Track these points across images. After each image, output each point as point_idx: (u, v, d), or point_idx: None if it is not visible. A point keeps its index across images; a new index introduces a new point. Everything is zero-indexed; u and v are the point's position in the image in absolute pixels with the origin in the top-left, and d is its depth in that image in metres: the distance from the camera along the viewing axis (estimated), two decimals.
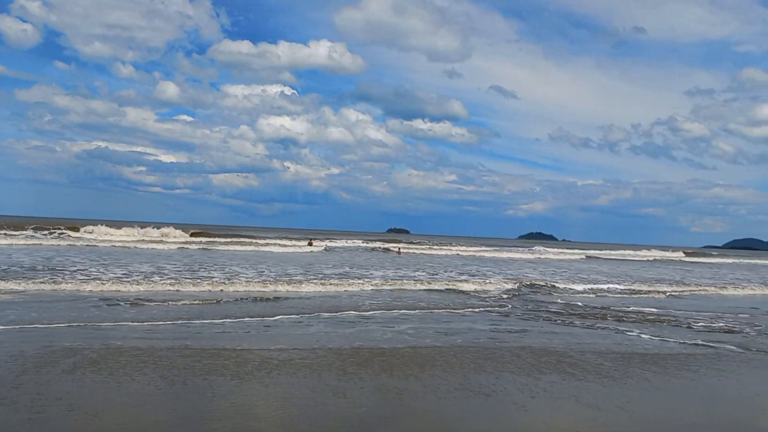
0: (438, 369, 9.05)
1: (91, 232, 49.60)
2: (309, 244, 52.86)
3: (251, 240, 54.01)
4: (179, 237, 52.54)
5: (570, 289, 22.68)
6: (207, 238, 53.19)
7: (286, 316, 13.31)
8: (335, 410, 6.97)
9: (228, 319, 12.59)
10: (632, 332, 13.20)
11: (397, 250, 53.67)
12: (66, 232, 48.22)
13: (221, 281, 19.36)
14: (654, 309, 17.69)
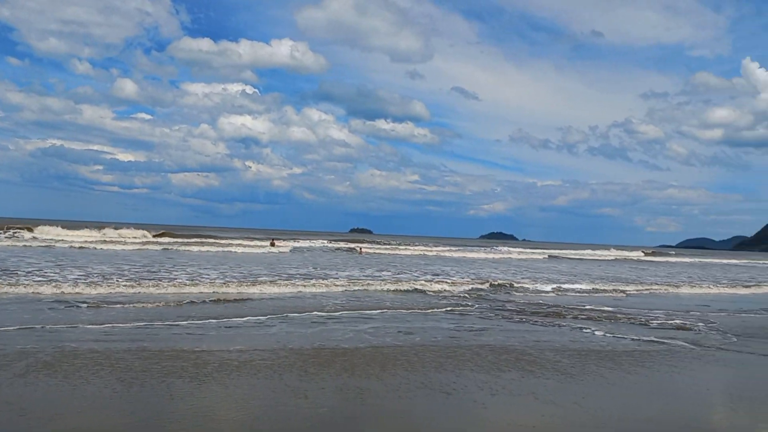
0: (399, 368, 9.11)
1: (47, 233, 48.28)
2: (271, 245, 52.40)
3: (213, 240, 53.35)
4: (139, 237, 51.54)
5: (531, 288, 23.04)
6: (168, 239, 52.31)
7: (248, 318, 13.20)
8: (296, 411, 6.96)
9: (189, 321, 12.43)
10: (589, 330, 13.50)
11: (359, 250, 53.69)
12: (20, 233, 46.88)
13: (183, 282, 19.08)
14: (611, 307, 18.11)
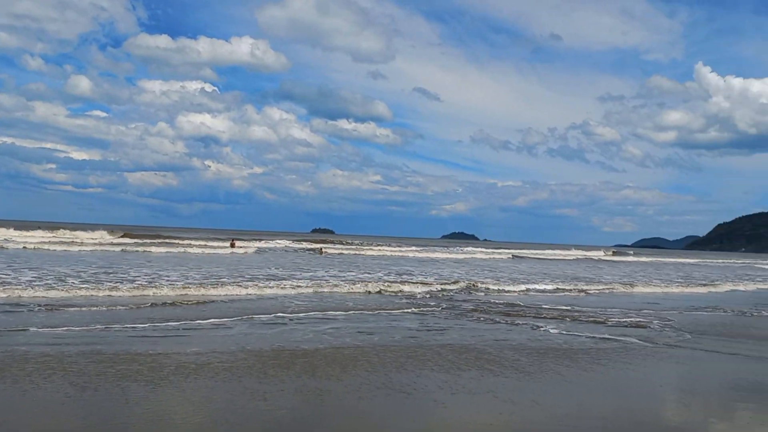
0: (360, 369, 9.10)
1: None
2: (231, 245, 51.62)
3: (172, 241, 52.45)
4: (96, 238, 50.34)
5: (494, 288, 23.27)
6: (126, 239, 51.24)
7: (208, 320, 13.00)
8: (254, 413, 6.88)
9: (146, 324, 12.18)
10: (548, 328, 13.71)
11: (319, 250, 53.51)
12: None
13: (142, 284, 18.68)
14: (570, 306, 18.44)
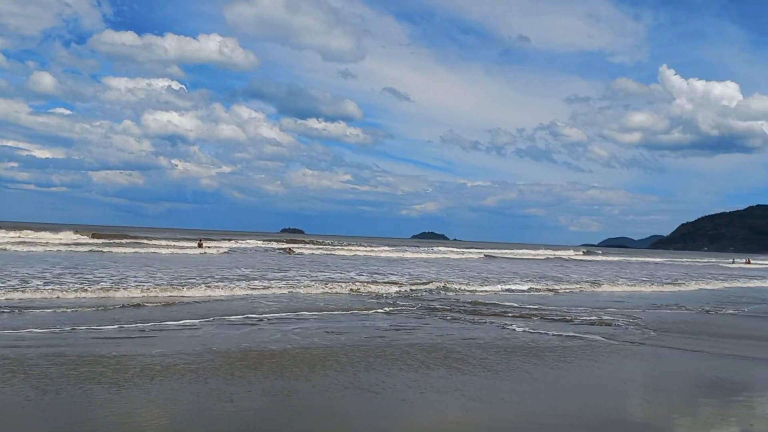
0: (329, 369, 9.07)
1: None
2: (199, 246, 50.78)
3: (139, 241, 51.63)
4: (62, 238, 49.25)
5: (465, 288, 23.38)
6: (92, 239, 50.25)
7: (174, 321, 12.81)
8: (221, 415, 6.81)
9: (111, 326, 11.96)
10: (516, 327, 13.84)
11: (288, 250, 53.25)
12: None
13: (108, 285, 18.29)
14: (539, 305, 18.66)
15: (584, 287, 26.80)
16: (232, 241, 62.46)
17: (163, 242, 51.84)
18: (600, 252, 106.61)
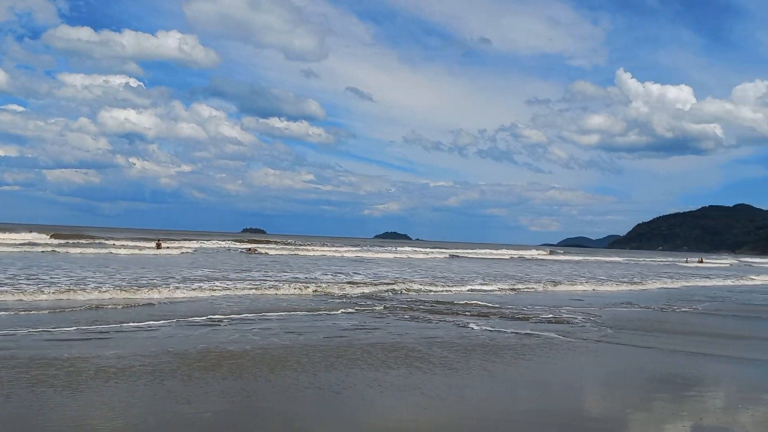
0: (289, 370, 9.03)
1: None
2: (157, 246, 49.69)
3: (97, 241, 50.46)
4: (17, 239, 47.77)
5: (428, 288, 23.46)
6: (48, 239, 48.88)
7: (132, 323, 12.57)
8: (178, 417, 6.72)
9: (68, 327, 11.66)
10: (476, 326, 13.99)
11: (248, 250, 52.83)
12: None
13: (66, 287, 17.72)
14: (499, 303, 18.89)
15: (545, 286, 27.22)
16: (193, 242, 61.51)
17: (122, 242, 50.76)
18: (562, 252, 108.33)
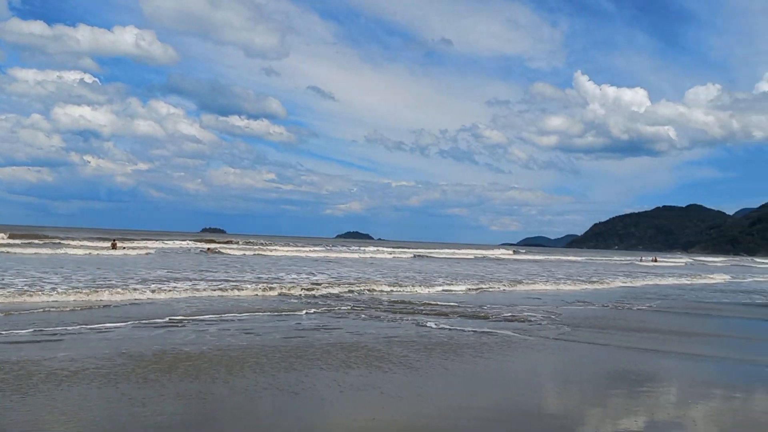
0: (247, 371, 8.94)
1: None
2: (113, 246, 48.52)
3: (49, 241, 49.05)
4: None
5: (391, 288, 23.48)
6: (5, 239, 47.29)
7: (86, 325, 12.27)
8: (132, 420, 6.59)
9: (19, 330, 11.30)
10: (436, 324, 14.09)
11: (208, 250, 52.24)
12: None
13: (20, 289, 17.06)
14: (460, 302, 19.06)
15: (506, 286, 27.56)
16: (151, 241, 60.35)
17: (75, 242, 49.47)
18: (524, 251, 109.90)
